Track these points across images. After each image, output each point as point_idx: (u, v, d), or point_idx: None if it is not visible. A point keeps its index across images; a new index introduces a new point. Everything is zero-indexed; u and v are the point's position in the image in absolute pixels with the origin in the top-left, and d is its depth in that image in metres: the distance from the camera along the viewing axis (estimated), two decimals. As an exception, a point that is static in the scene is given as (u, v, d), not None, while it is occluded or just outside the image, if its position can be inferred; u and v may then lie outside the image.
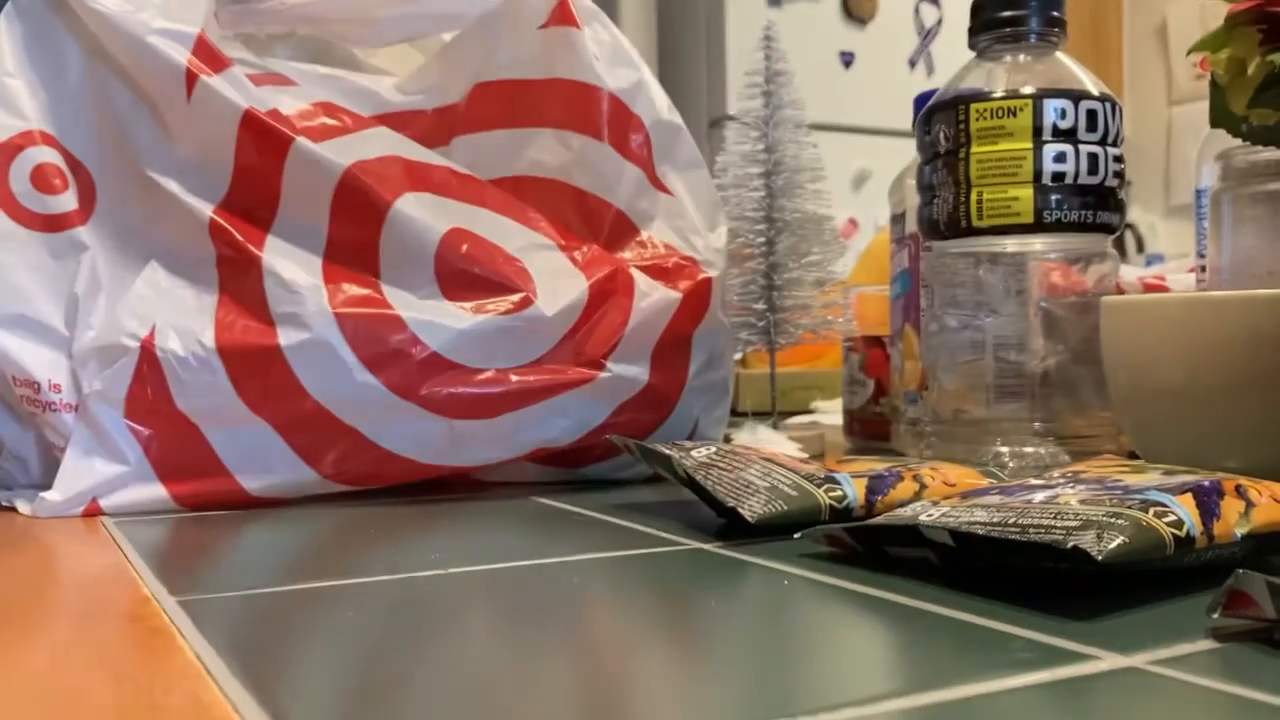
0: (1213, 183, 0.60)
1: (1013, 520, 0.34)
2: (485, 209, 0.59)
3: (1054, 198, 0.57)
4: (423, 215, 0.55)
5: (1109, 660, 0.27)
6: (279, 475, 0.54)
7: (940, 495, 0.44)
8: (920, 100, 0.69)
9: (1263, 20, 0.50)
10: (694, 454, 0.48)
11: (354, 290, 0.54)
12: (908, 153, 0.68)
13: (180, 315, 0.54)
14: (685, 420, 0.62)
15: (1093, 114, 0.57)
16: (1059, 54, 0.61)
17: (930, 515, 0.36)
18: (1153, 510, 0.33)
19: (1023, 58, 0.60)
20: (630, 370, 0.58)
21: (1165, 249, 3.03)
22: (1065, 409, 0.59)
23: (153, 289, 0.55)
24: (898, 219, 0.73)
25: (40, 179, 0.55)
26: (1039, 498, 0.36)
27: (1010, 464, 0.58)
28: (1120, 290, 0.65)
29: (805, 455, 0.69)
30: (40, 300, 0.55)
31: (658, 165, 0.62)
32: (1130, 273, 0.78)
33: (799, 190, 0.71)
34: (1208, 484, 0.35)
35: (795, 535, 0.42)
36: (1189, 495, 0.34)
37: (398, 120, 0.63)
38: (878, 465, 0.48)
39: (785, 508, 0.43)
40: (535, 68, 0.63)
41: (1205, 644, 0.28)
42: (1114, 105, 0.58)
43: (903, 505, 0.44)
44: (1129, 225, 2.98)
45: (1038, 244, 0.59)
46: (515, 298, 0.55)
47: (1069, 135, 0.57)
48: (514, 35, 0.63)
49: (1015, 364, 0.59)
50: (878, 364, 0.76)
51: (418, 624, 0.32)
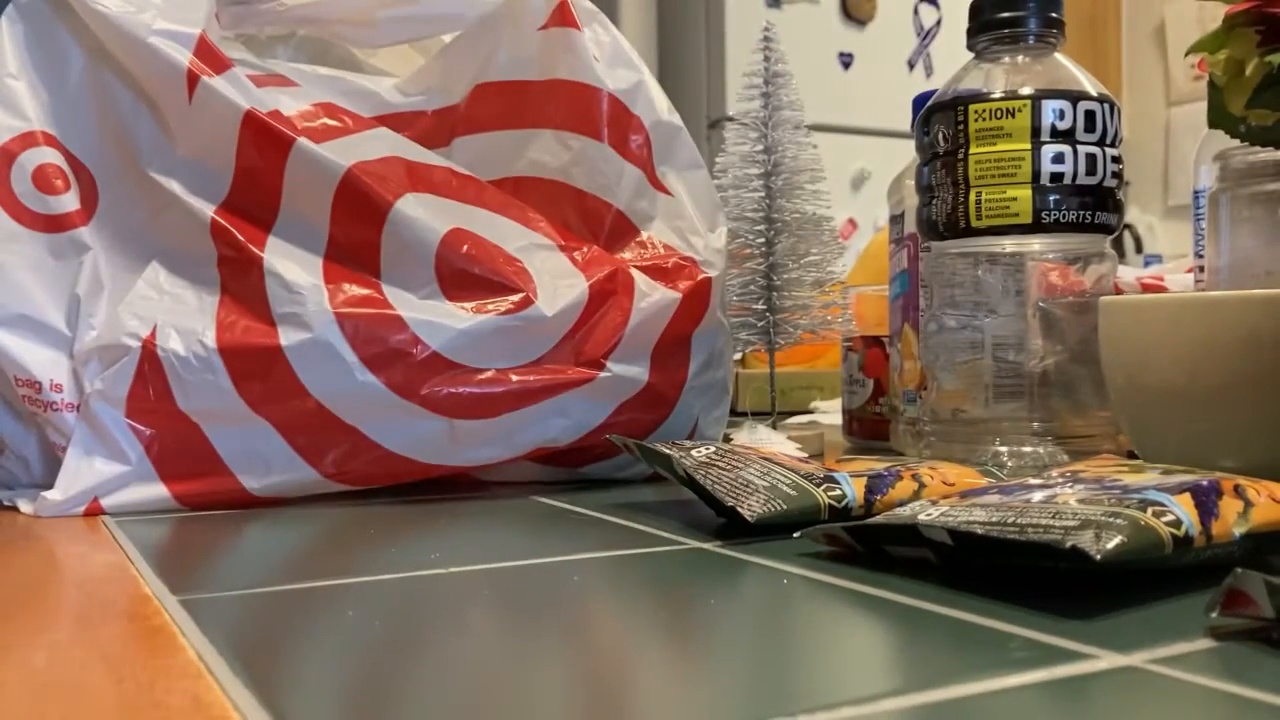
0: (1211, 183, 0.60)
1: (1011, 520, 0.34)
2: (485, 209, 0.59)
3: (1052, 198, 0.57)
4: (423, 216, 0.55)
5: (1107, 659, 0.27)
6: (280, 475, 0.54)
7: (939, 494, 0.44)
8: (919, 101, 0.69)
9: (1261, 21, 0.50)
10: (694, 453, 0.48)
11: (355, 290, 0.54)
12: (907, 153, 0.68)
13: (181, 315, 0.54)
14: (685, 420, 0.62)
15: (1091, 115, 0.57)
16: (1057, 55, 0.61)
17: (929, 515, 0.36)
18: (1151, 510, 0.33)
19: (1021, 59, 0.60)
20: (630, 370, 0.58)
21: (1163, 249, 3.03)
22: (1064, 409, 0.59)
23: (154, 289, 0.55)
24: (897, 219, 0.73)
25: (42, 179, 0.55)
26: (1038, 497, 0.37)
27: (1009, 463, 0.58)
28: (1118, 290, 0.65)
29: (805, 455, 0.69)
30: (42, 300, 0.55)
31: (657, 166, 0.62)
32: (1128, 273, 0.78)
33: (798, 191, 0.71)
34: (1206, 484, 0.35)
35: (795, 535, 0.42)
36: (1187, 495, 0.34)
37: (398, 121, 0.64)
38: (877, 465, 0.48)
39: (784, 507, 0.43)
40: (535, 69, 0.63)
41: (1203, 643, 0.28)
42: (1112, 106, 0.59)
43: (902, 504, 0.44)
44: (1127, 226, 2.98)
45: (1036, 244, 0.59)
46: (515, 298, 0.55)
47: (1067, 136, 0.57)
48: (514, 36, 0.63)
49: (1014, 364, 0.59)
50: (877, 364, 0.76)
51: (418, 624, 0.32)
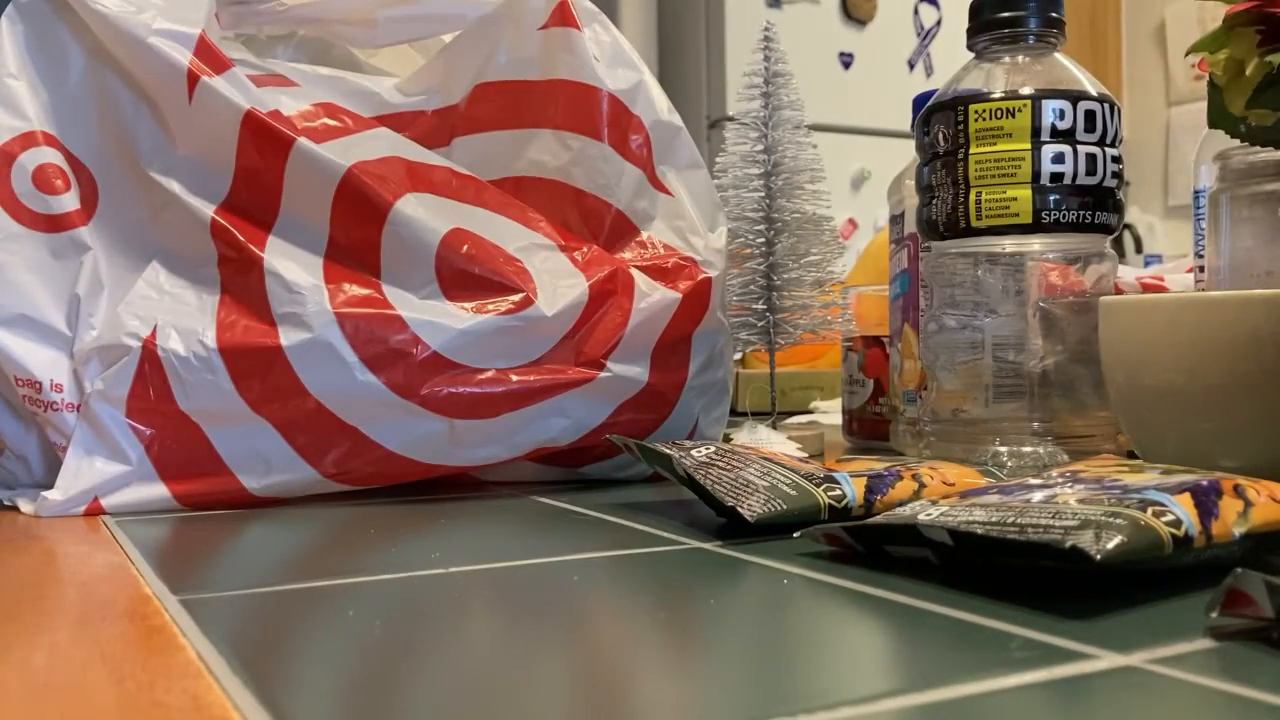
0: (1211, 183, 0.60)
1: (1011, 520, 0.34)
2: (485, 209, 0.59)
3: (1052, 198, 0.57)
4: (423, 216, 0.55)
5: (1107, 659, 0.27)
6: (280, 475, 0.54)
7: (939, 494, 0.44)
8: (919, 101, 0.69)
9: (1261, 21, 0.50)
10: (694, 453, 0.48)
11: (355, 290, 0.54)
12: (907, 153, 0.68)
13: (182, 315, 0.54)
14: (685, 420, 0.62)
15: (1091, 115, 0.57)
16: (1057, 55, 0.61)
17: (929, 515, 0.36)
18: (1151, 510, 0.33)
19: (1021, 58, 0.60)
20: (630, 370, 0.58)
21: (1163, 249, 3.03)
22: (1063, 409, 0.59)
23: (154, 289, 0.55)
24: (897, 219, 0.73)
25: (42, 179, 0.55)
26: (1037, 497, 0.37)
27: (1009, 463, 0.58)
28: (1118, 290, 0.65)
29: (805, 454, 0.69)
30: (42, 300, 0.55)
31: (657, 166, 0.62)
32: (1128, 273, 0.78)
33: (798, 191, 0.71)
34: (1206, 483, 0.35)
35: (795, 534, 0.42)
36: (1187, 495, 0.34)
37: (398, 121, 0.64)
38: (876, 465, 0.48)
39: (784, 507, 0.43)
40: (535, 69, 0.63)
41: (1203, 643, 0.28)
42: (1112, 106, 0.59)
43: (902, 505, 0.44)
44: (1127, 226, 2.98)
45: (1036, 244, 0.59)
46: (515, 298, 0.55)
47: (1067, 136, 0.57)
48: (514, 36, 0.63)
49: (1014, 364, 0.59)
50: (877, 364, 0.76)
51: (418, 624, 0.32)
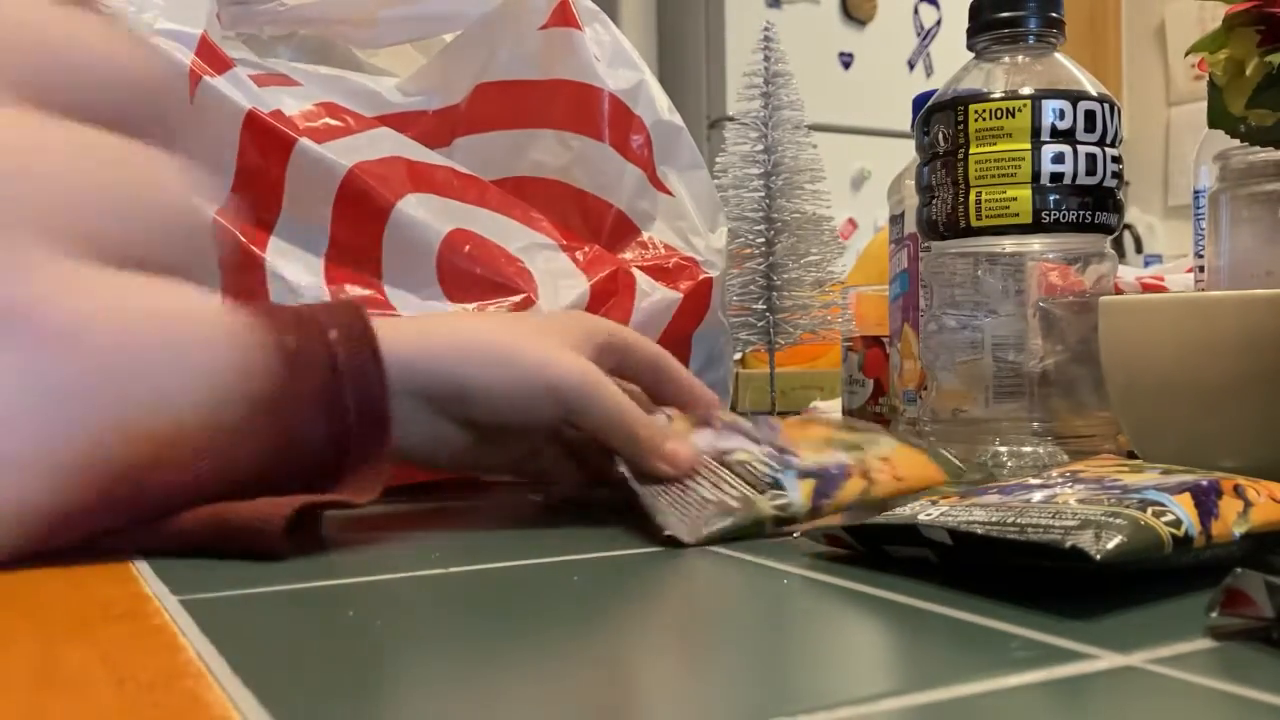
0: (1211, 183, 0.60)
1: (1011, 520, 0.34)
2: (487, 209, 0.59)
3: (1052, 198, 0.57)
4: (425, 216, 0.55)
5: (1107, 659, 0.27)
6: (280, 475, 0.54)
7: (890, 491, 0.44)
8: (919, 101, 0.69)
9: (1261, 21, 0.50)
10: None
11: (356, 291, 0.54)
12: (907, 153, 0.68)
13: (181, 315, 0.54)
14: (685, 420, 0.62)
15: (1091, 114, 0.57)
16: (1057, 55, 0.61)
17: (929, 515, 0.36)
18: (1151, 510, 0.33)
19: (1021, 58, 0.60)
20: (630, 370, 0.58)
21: (1163, 249, 3.03)
22: (1063, 409, 0.59)
23: (154, 289, 0.55)
24: (896, 219, 0.73)
25: (42, 179, 0.55)
26: (1037, 497, 0.37)
27: (1009, 463, 0.58)
28: (1118, 290, 0.65)
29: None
30: (42, 300, 0.55)
31: (658, 166, 0.62)
32: (1128, 273, 0.78)
33: (798, 191, 0.71)
34: (1206, 483, 0.35)
35: (794, 535, 0.42)
36: (1187, 495, 0.34)
37: (400, 121, 0.64)
38: (833, 437, 0.48)
39: (730, 523, 0.43)
40: (536, 68, 0.63)
41: (1203, 643, 0.28)
42: (1112, 106, 0.59)
43: (852, 506, 0.44)
44: (1127, 225, 2.99)
45: (1036, 244, 0.59)
46: (517, 298, 0.55)
47: (1067, 136, 0.57)
48: (515, 36, 0.63)
49: (1014, 364, 0.59)
50: (876, 364, 0.76)
51: (418, 624, 0.32)
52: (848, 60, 2.77)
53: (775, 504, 0.44)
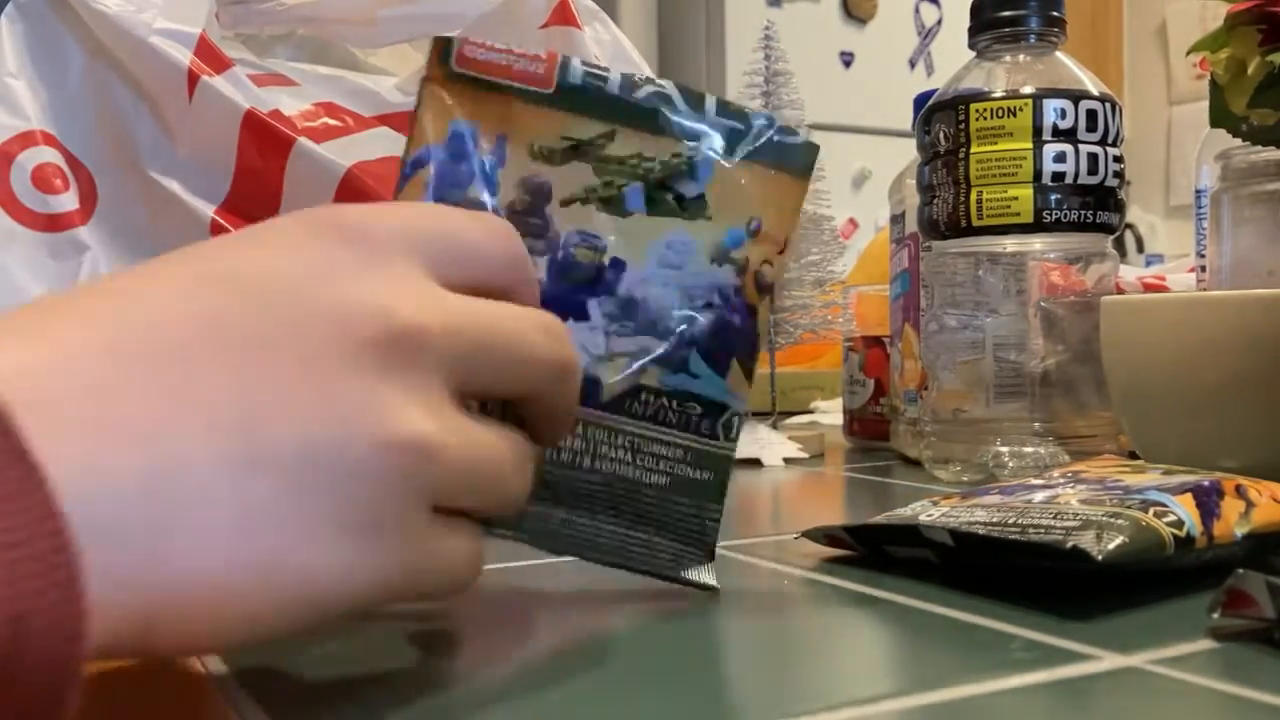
0: (1212, 183, 0.60)
1: (1013, 520, 0.34)
2: (486, 209, 0.59)
3: (1054, 197, 0.57)
4: (423, 215, 0.55)
5: (1109, 660, 0.27)
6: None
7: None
8: (920, 100, 0.69)
9: (1262, 20, 0.50)
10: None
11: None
12: (908, 153, 0.68)
13: (181, 315, 0.54)
14: (685, 420, 0.62)
15: (1093, 114, 0.57)
16: (1059, 54, 0.61)
17: (930, 515, 0.36)
18: (1152, 510, 0.33)
19: (1022, 57, 0.60)
20: (630, 370, 0.58)
21: (1165, 249, 3.03)
22: (1065, 409, 0.59)
23: (153, 289, 0.55)
24: (897, 219, 0.73)
25: (41, 179, 0.55)
26: (1039, 498, 0.36)
27: (1010, 464, 0.58)
28: (1120, 290, 0.65)
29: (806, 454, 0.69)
30: (41, 300, 0.55)
31: (658, 165, 0.62)
32: (1130, 273, 0.78)
33: (799, 190, 0.71)
34: (1208, 484, 0.35)
35: (795, 536, 0.42)
36: (1189, 495, 0.34)
37: (399, 121, 0.63)
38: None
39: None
40: (536, 68, 0.63)
41: (1205, 644, 0.28)
42: (1114, 105, 0.58)
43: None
44: (1129, 225, 2.98)
45: (1037, 244, 0.59)
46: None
47: (1069, 135, 0.57)
48: (514, 35, 0.63)
49: (1015, 364, 0.59)
50: (877, 364, 0.76)
51: (417, 624, 0.32)
52: (848, 59, 2.77)
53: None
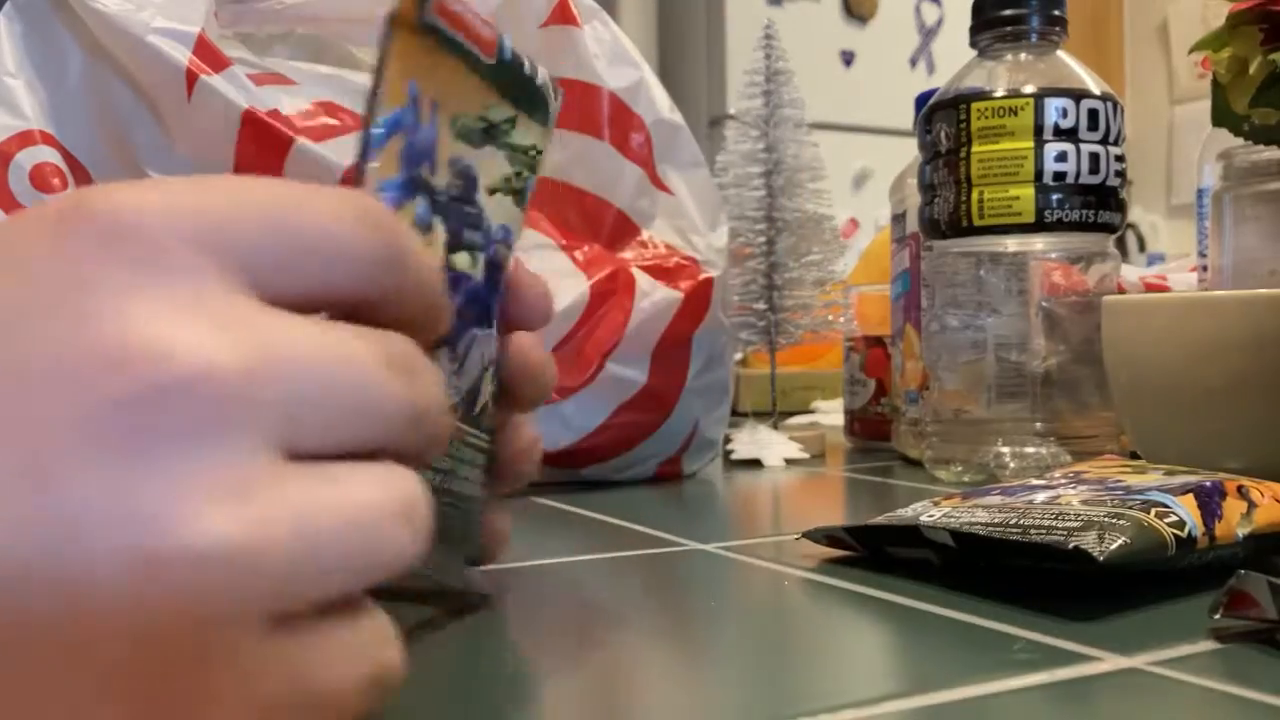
0: (1214, 182, 0.59)
1: (1014, 521, 0.34)
2: (485, 208, 0.59)
3: (1055, 197, 0.57)
4: (423, 215, 0.55)
5: (1110, 661, 0.27)
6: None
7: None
8: (921, 99, 0.69)
9: (1264, 19, 0.49)
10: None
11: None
12: (909, 152, 0.68)
13: (180, 315, 0.54)
14: (685, 421, 0.62)
15: (1094, 113, 0.57)
16: (1060, 53, 0.60)
17: (931, 516, 0.36)
18: (1154, 511, 0.33)
19: (1024, 56, 0.60)
20: (629, 372, 0.58)
21: (1167, 248, 3.03)
22: (1066, 409, 0.59)
23: (152, 289, 0.55)
24: (899, 218, 0.73)
25: (39, 178, 0.55)
26: (1040, 498, 0.36)
27: (1011, 464, 0.58)
28: (1122, 290, 0.65)
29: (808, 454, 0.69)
30: (40, 300, 0.54)
31: (658, 164, 0.62)
32: (1132, 272, 0.78)
33: (799, 190, 0.71)
34: (1209, 484, 0.35)
35: (795, 536, 0.41)
36: (1190, 496, 0.34)
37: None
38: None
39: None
40: (535, 67, 0.63)
41: (1206, 645, 0.28)
42: (1115, 104, 0.58)
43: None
44: (1130, 225, 2.98)
45: (1039, 243, 0.58)
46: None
47: (1070, 134, 0.57)
48: (514, 34, 0.63)
49: (1016, 364, 0.59)
50: (878, 364, 0.76)
51: (417, 624, 0.32)
52: (849, 58, 2.77)
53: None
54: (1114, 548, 0.30)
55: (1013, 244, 0.59)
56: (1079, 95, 0.57)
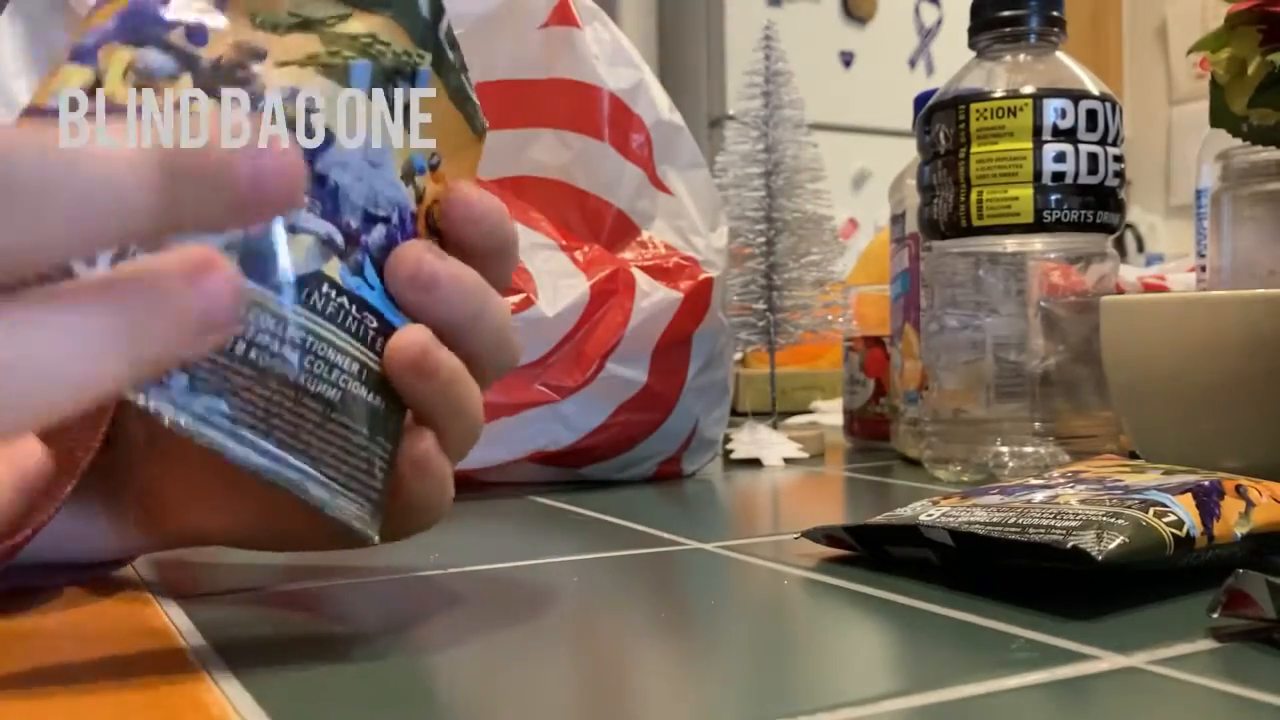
0: (1213, 182, 0.60)
1: (1013, 520, 0.34)
2: (485, 209, 0.59)
3: (1054, 197, 0.57)
4: (423, 215, 0.55)
5: (1109, 660, 0.27)
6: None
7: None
8: (920, 100, 0.69)
9: (1263, 20, 0.49)
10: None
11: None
12: (908, 153, 0.68)
13: (181, 315, 0.54)
14: (685, 421, 0.62)
15: (1093, 114, 0.57)
16: (1059, 53, 0.61)
17: (930, 515, 0.36)
18: (1153, 510, 0.33)
19: (1023, 57, 0.60)
20: (629, 372, 0.58)
21: (1165, 249, 3.03)
22: (1065, 409, 0.59)
23: (153, 289, 0.55)
24: (898, 219, 0.73)
25: (41, 179, 0.55)
26: (1039, 497, 0.36)
27: (1010, 464, 0.58)
28: (1120, 290, 0.65)
29: (807, 454, 0.69)
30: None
31: (658, 165, 0.62)
32: (1130, 272, 0.78)
33: (799, 190, 0.71)
34: (1208, 484, 0.35)
35: (795, 536, 0.42)
36: (1189, 495, 0.34)
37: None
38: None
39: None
40: (535, 68, 0.63)
41: (1205, 644, 0.28)
42: (1114, 105, 0.58)
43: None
44: (1129, 225, 2.98)
45: (1038, 244, 0.59)
46: (516, 298, 0.55)
47: (1069, 135, 0.57)
48: (514, 35, 0.63)
49: (1015, 364, 0.59)
50: (878, 364, 0.76)
51: (417, 624, 0.32)
52: (848, 59, 2.77)
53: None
54: (1112, 547, 0.31)
55: (1011, 244, 0.59)
56: (1078, 96, 0.57)
